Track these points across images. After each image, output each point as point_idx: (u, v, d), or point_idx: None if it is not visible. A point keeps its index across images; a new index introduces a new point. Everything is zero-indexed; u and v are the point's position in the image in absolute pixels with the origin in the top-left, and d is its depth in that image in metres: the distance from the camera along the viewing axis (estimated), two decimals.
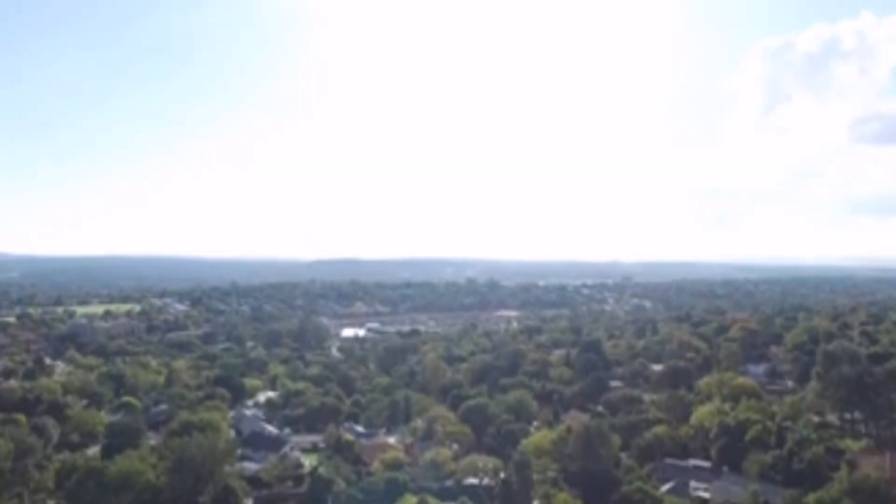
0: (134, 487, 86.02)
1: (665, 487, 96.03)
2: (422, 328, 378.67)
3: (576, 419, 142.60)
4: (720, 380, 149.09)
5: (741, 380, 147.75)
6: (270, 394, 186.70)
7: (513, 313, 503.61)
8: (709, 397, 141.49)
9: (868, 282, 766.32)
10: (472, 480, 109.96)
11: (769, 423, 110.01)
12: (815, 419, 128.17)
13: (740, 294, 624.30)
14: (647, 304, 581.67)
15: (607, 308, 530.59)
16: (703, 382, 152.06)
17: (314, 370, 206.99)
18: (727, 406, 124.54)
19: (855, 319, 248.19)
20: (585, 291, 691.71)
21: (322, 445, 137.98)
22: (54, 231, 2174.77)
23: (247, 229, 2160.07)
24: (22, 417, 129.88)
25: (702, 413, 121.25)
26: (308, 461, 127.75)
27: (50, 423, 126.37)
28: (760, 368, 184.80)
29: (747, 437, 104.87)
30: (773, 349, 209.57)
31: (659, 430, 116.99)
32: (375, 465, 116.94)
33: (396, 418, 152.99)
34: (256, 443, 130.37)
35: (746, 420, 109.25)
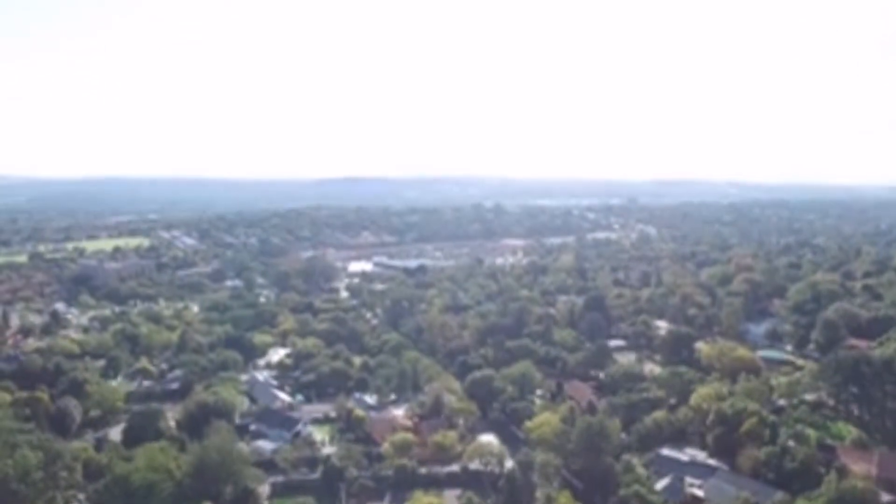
0: (159, 494, 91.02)
1: (661, 484, 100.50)
2: (428, 262, 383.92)
3: (578, 391, 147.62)
4: (720, 350, 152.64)
5: (741, 351, 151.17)
6: (282, 352, 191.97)
7: (518, 243, 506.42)
8: (708, 371, 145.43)
9: (876, 205, 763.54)
10: (478, 465, 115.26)
11: (764, 413, 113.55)
12: (811, 398, 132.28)
13: (746, 221, 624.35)
14: (653, 230, 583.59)
15: (612, 237, 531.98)
16: (704, 352, 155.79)
17: (323, 325, 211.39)
18: (725, 388, 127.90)
19: (858, 268, 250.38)
20: (591, 216, 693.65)
21: (333, 416, 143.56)
22: (58, 152, 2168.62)
23: (250, 148, 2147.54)
24: (44, 395, 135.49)
25: (701, 394, 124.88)
26: (320, 436, 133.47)
27: (72, 403, 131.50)
28: (761, 328, 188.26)
29: (742, 429, 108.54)
30: (776, 303, 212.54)
31: (658, 415, 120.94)
32: (385, 446, 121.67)
33: (405, 386, 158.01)
34: (270, 420, 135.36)
35: (743, 409, 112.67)
